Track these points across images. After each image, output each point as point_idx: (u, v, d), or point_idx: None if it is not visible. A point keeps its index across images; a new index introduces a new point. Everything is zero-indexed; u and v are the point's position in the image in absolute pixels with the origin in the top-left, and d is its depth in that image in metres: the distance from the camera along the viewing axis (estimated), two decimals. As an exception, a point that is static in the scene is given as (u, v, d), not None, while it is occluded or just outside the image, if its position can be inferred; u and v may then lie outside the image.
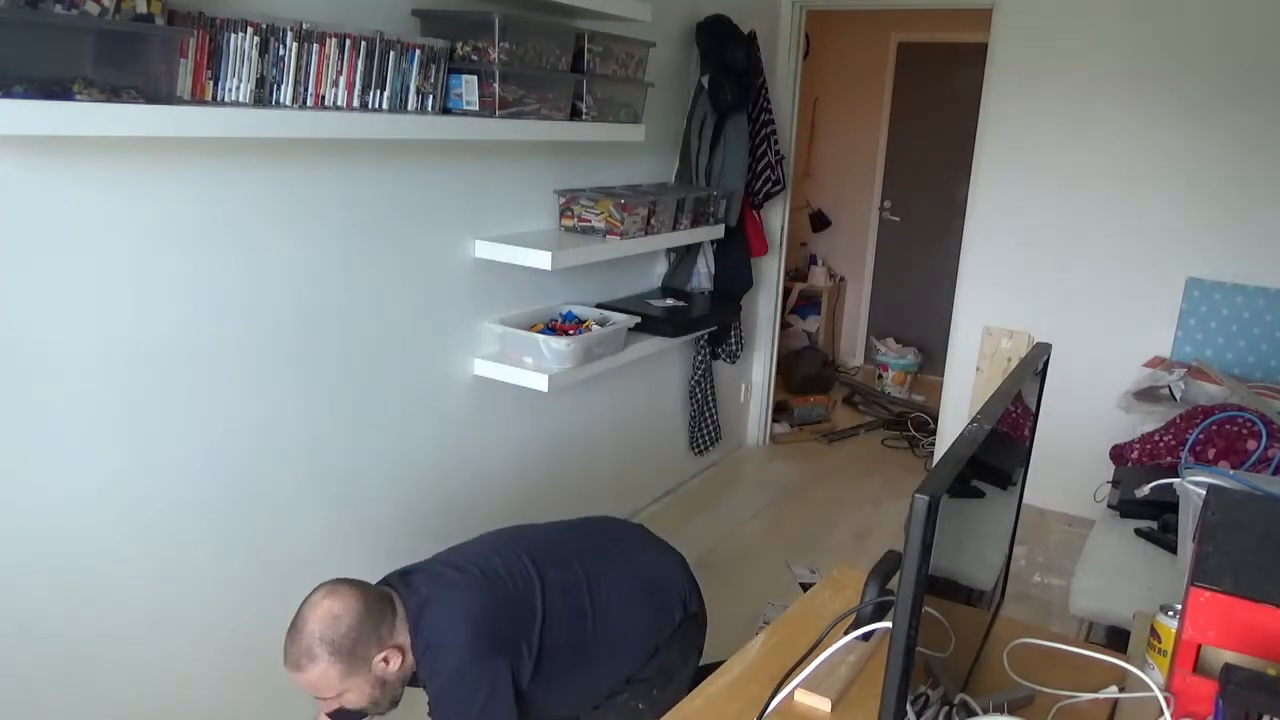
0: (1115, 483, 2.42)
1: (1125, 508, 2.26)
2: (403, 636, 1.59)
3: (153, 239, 1.76)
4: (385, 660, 1.56)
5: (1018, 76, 3.58)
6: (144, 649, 1.92)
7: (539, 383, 2.52)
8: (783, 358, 4.79)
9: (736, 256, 3.68)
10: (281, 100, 1.78)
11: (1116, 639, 1.93)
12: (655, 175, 3.36)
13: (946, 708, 1.13)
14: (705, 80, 3.36)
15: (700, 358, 3.73)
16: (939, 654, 1.09)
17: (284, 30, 1.75)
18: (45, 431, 1.66)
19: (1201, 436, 2.38)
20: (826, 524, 3.71)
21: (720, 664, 1.47)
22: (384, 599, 1.60)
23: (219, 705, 2.10)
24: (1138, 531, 2.17)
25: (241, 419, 2.01)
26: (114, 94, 1.48)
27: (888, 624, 1.10)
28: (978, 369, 3.86)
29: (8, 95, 1.34)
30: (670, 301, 3.28)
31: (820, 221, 5.87)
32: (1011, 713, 1.22)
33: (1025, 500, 1.59)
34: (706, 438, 3.87)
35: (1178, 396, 2.98)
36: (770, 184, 3.80)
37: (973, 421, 1.06)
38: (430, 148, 2.32)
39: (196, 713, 2.06)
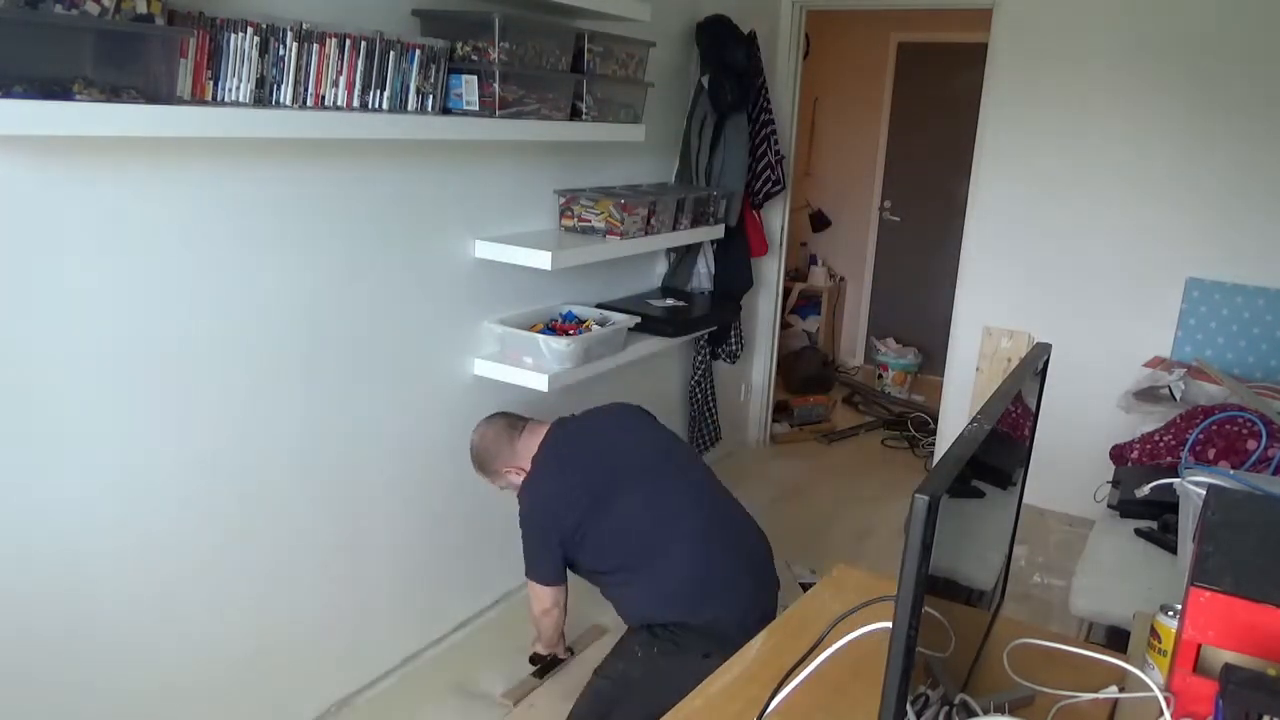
0: (1115, 483, 2.42)
1: (1125, 508, 2.26)
2: (524, 461, 2.22)
3: (152, 239, 1.76)
4: (510, 473, 2.26)
5: (1018, 76, 3.58)
6: (142, 650, 1.92)
7: (539, 383, 2.52)
8: (783, 358, 4.79)
9: (736, 256, 3.68)
10: (281, 100, 1.78)
11: (1116, 639, 1.93)
12: (655, 175, 3.36)
13: (946, 708, 1.13)
14: (705, 80, 3.36)
15: (700, 358, 3.73)
16: (939, 654, 1.09)
17: (284, 30, 1.75)
18: (43, 431, 1.66)
19: (1201, 436, 2.38)
20: (826, 524, 3.71)
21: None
22: (513, 428, 2.28)
23: (218, 705, 2.10)
24: (1138, 531, 2.17)
25: (241, 418, 2.01)
26: (114, 94, 1.48)
27: (887, 624, 1.10)
28: (978, 369, 3.86)
29: (8, 95, 1.34)
30: (670, 301, 3.28)
31: (820, 221, 5.87)
32: (1011, 713, 1.22)
33: (1025, 500, 1.59)
34: (706, 438, 3.87)
35: (1178, 396, 2.98)
36: (770, 184, 3.80)
37: (973, 421, 1.06)
38: (430, 148, 2.32)
39: (196, 712, 2.06)
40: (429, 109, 2.09)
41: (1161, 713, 1.15)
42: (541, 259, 2.45)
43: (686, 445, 2.29)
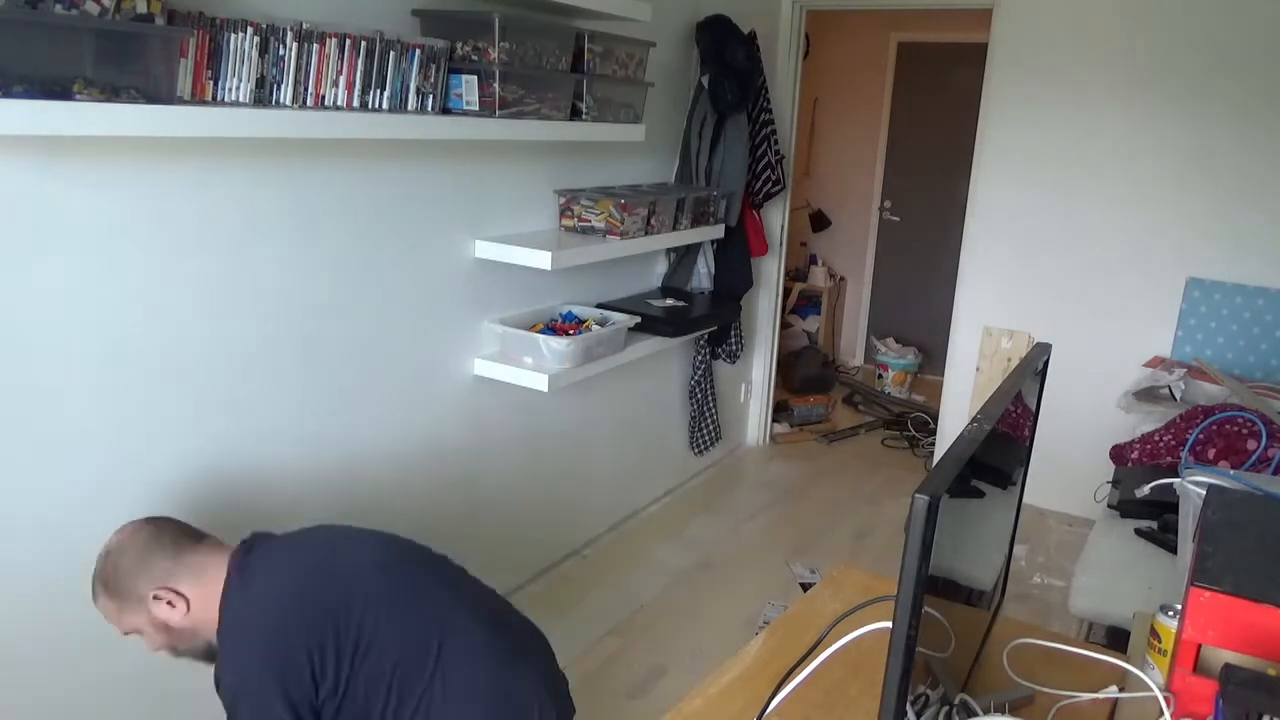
0: (1115, 483, 2.42)
1: (1125, 508, 2.26)
2: (193, 589, 1.46)
3: (152, 239, 1.76)
4: (160, 601, 1.45)
5: (1018, 76, 3.58)
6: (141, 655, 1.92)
7: (539, 383, 2.52)
8: (783, 358, 4.79)
9: (736, 256, 3.68)
10: (281, 100, 1.78)
11: (1116, 639, 1.93)
12: (655, 175, 3.36)
13: (946, 708, 1.13)
14: (705, 80, 3.36)
15: (700, 358, 3.73)
16: (939, 654, 1.09)
17: (284, 30, 1.75)
18: (43, 432, 1.66)
19: (1201, 436, 2.38)
20: (826, 524, 3.71)
21: None
22: (180, 540, 1.50)
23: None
24: (1138, 531, 2.18)
25: (242, 418, 2.01)
26: (114, 94, 1.48)
27: (887, 624, 1.10)
28: (978, 369, 3.86)
29: (8, 95, 1.34)
30: (670, 301, 3.28)
31: (820, 221, 5.87)
32: (1011, 713, 1.22)
33: (1025, 500, 1.59)
34: (706, 438, 3.87)
35: (1178, 396, 2.98)
36: (770, 184, 3.80)
37: (973, 421, 1.06)
38: (430, 148, 2.32)
39: (198, 709, 2.06)
40: (429, 109, 2.09)
41: (1161, 713, 1.15)
42: (541, 259, 2.45)
43: (417, 544, 1.67)
